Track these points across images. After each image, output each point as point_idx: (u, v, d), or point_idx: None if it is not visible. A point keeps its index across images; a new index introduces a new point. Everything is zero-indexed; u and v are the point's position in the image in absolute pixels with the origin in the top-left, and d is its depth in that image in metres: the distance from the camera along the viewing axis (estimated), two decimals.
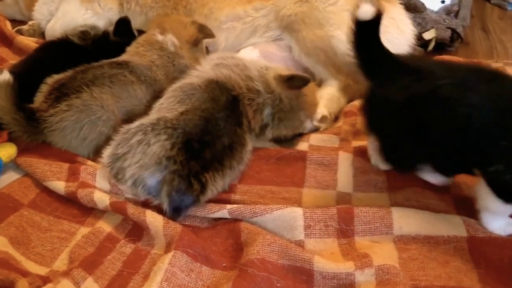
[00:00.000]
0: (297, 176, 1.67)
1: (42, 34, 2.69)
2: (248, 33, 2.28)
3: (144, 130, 1.49)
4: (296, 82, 1.76)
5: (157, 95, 1.80)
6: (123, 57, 1.95)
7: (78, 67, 1.82)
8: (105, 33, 2.15)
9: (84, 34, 2.10)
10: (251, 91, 1.70)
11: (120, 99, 1.78)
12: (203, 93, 1.63)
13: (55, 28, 2.51)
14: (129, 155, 1.48)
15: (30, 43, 2.51)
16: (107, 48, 2.02)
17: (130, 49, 2.00)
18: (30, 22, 2.75)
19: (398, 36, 2.15)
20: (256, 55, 2.12)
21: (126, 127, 1.55)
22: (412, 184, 1.56)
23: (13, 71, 1.89)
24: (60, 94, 1.71)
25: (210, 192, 1.50)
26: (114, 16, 2.47)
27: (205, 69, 1.78)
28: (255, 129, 1.73)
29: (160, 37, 1.99)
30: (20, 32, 2.70)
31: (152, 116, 1.58)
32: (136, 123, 1.54)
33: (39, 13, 2.68)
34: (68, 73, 1.80)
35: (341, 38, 2.05)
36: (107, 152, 1.55)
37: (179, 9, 2.38)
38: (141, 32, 2.18)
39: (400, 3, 2.30)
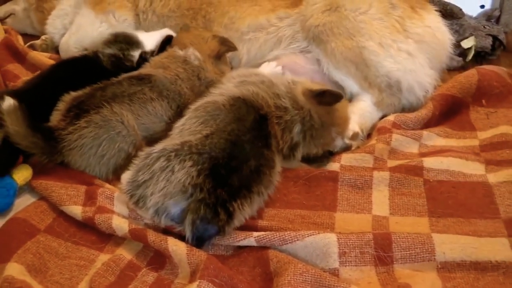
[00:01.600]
0: (328, 198, 1.69)
1: (55, 49, 2.76)
2: (271, 44, 2.30)
3: (167, 156, 1.51)
4: (327, 98, 1.76)
5: (180, 110, 1.84)
6: (147, 70, 2.00)
7: (96, 84, 1.88)
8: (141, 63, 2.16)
9: (119, 61, 2.14)
10: (279, 109, 1.72)
11: (139, 116, 1.83)
12: (228, 113, 1.65)
13: (69, 42, 2.58)
14: (152, 182, 1.50)
15: (43, 58, 2.57)
16: None
17: (155, 59, 2.06)
18: (43, 37, 2.83)
19: (435, 46, 2.16)
20: (279, 70, 2.15)
21: (147, 151, 1.57)
22: (455, 211, 1.57)
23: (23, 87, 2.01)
24: (79, 111, 1.76)
25: (238, 221, 1.51)
26: (130, 27, 2.54)
27: (227, 87, 1.80)
28: (284, 150, 1.74)
29: (181, 52, 2.04)
30: (33, 47, 2.78)
31: (175, 140, 1.60)
32: (158, 147, 1.56)
33: (52, 27, 2.76)
34: (86, 90, 1.85)
35: (373, 49, 2.08)
36: (126, 177, 1.57)
37: (198, 18, 2.43)
38: None
39: (436, 10, 2.31)
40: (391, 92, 2.10)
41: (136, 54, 2.18)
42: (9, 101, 1.68)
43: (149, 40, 2.23)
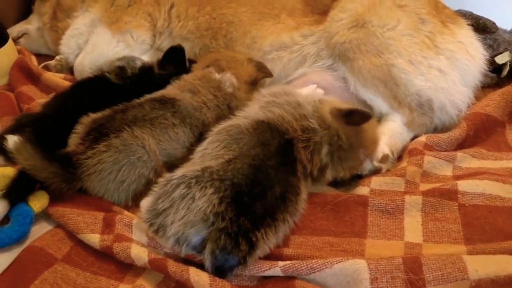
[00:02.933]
0: (358, 224, 1.70)
1: (70, 70, 2.81)
2: (296, 63, 2.34)
3: (187, 183, 1.52)
4: (355, 118, 1.77)
5: (203, 138, 1.85)
6: (173, 92, 2.01)
7: (116, 105, 1.92)
8: (144, 69, 2.23)
9: (122, 71, 2.20)
10: (305, 131, 1.74)
11: (161, 142, 1.85)
12: (252, 137, 1.67)
13: (84, 63, 2.63)
14: (171, 210, 1.51)
15: (58, 79, 2.62)
16: (148, 86, 2.09)
17: (187, 78, 2.09)
18: (57, 57, 2.88)
19: (467, 62, 2.17)
20: (320, 92, 2.16)
21: (167, 177, 1.59)
22: (493, 237, 1.57)
23: (44, 111, 2.05)
24: (99, 134, 1.79)
25: (261, 252, 1.52)
26: (147, 48, 2.61)
27: (253, 109, 1.83)
28: (313, 173, 1.75)
29: (217, 76, 2.07)
30: (47, 67, 2.83)
31: (196, 165, 1.62)
32: (178, 174, 1.58)
33: (67, 46, 2.80)
34: (106, 112, 1.88)
35: (402, 67, 2.09)
36: (145, 205, 1.59)
37: (218, 38, 2.47)
38: (192, 61, 2.29)
39: (468, 24, 2.32)
40: (422, 111, 2.11)
41: (138, 62, 2.27)
42: (12, 139, 1.69)
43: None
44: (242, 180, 1.54)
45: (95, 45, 2.65)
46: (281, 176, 1.61)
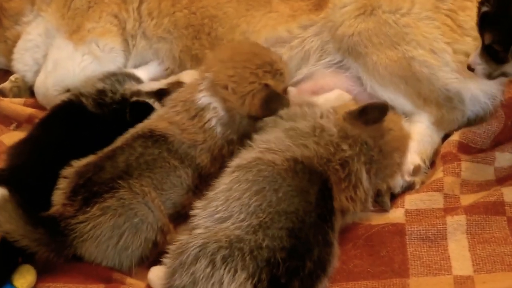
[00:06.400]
0: (397, 260, 1.72)
1: (30, 90, 2.74)
2: (298, 60, 2.32)
3: (211, 258, 1.48)
4: (371, 115, 1.77)
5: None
6: (161, 124, 1.94)
7: (101, 149, 1.86)
8: (126, 97, 2.15)
9: (101, 95, 2.12)
10: (344, 166, 1.71)
11: (164, 191, 1.82)
12: (291, 183, 1.61)
13: (47, 84, 2.57)
14: None
15: (18, 107, 2.59)
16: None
17: (161, 114, 2.01)
18: (12, 77, 2.82)
19: None
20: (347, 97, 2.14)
21: (179, 243, 1.55)
22: None
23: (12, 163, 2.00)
24: (89, 194, 1.74)
25: None
26: (118, 57, 2.57)
27: (278, 139, 1.76)
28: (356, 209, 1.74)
29: (201, 100, 1.95)
30: (1, 93, 2.77)
31: (217, 226, 1.57)
32: (197, 242, 1.52)
33: (22, 63, 2.75)
34: (91, 159, 1.83)
35: (423, 59, 2.09)
36: (155, 280, 1.59)
37: (201, 38, 2.44)
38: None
39: None
40: (452, 106, 2.12)
41: (125, 85, 2.21)
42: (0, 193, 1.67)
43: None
44: (278, 256, 1.49)
45: (57, 61, 2.59)
46: (320, 234, 1.58)
